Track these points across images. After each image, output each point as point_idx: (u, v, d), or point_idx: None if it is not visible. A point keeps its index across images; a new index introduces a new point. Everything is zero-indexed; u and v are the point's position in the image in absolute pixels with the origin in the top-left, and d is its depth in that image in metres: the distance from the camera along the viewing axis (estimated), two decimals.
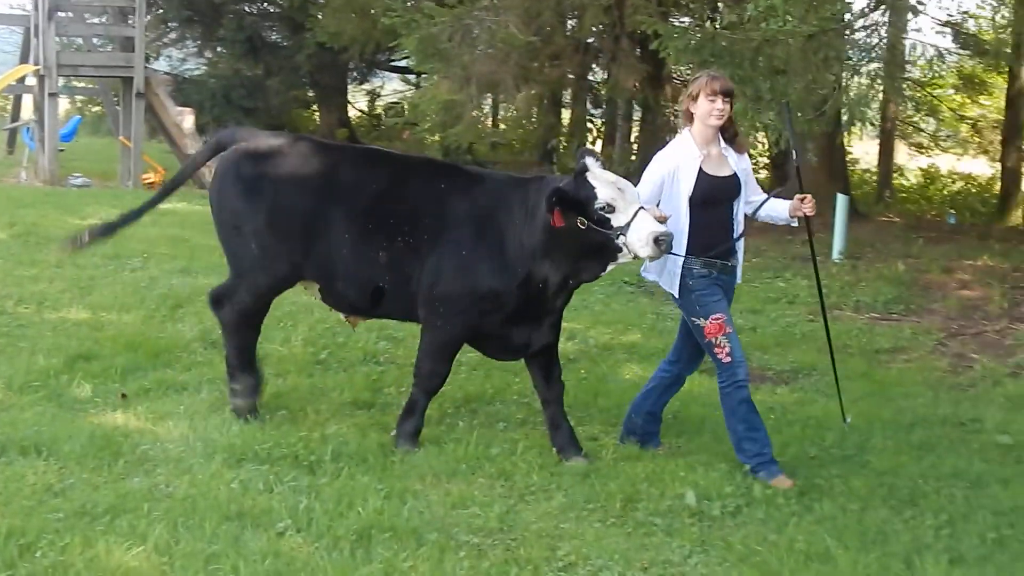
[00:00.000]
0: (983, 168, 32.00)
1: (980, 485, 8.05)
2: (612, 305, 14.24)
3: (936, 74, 31.66)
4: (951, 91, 32.94)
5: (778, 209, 8.24)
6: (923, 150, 33.36)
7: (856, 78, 17.15)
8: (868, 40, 17.17)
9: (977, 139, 32.49)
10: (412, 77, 36.06)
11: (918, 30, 28.14)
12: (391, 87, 42.00)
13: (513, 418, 9.16)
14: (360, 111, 41.64)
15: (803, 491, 7.74)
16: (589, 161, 7.70)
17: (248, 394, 8.53)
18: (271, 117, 31.68)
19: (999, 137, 28.20)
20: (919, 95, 31.04)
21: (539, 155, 29.34)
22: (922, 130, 33.59)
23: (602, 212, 7.50)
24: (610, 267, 7.85)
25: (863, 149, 32.99)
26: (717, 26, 19.39)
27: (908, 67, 23.41)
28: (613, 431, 8.77)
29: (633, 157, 28.39)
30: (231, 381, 8.60)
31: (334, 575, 6.02)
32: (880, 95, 20.10)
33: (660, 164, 8.03)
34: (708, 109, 7.84)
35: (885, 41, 17.70)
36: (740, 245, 8.14)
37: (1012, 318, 14.49)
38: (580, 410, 9.28)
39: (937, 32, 23.61)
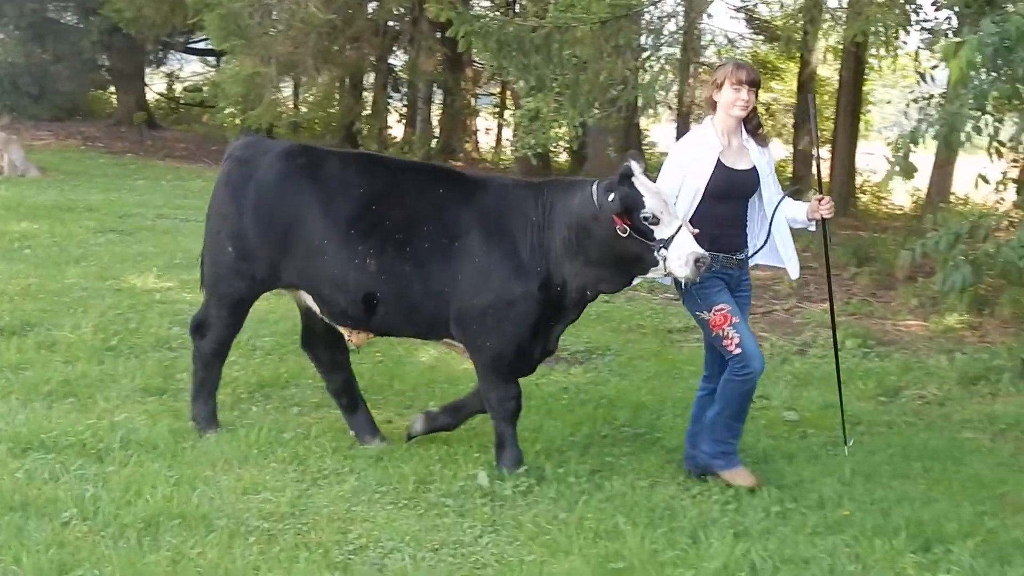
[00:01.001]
0: (777, 151, 32.74)
1: (766, 460, 8.29)
2: None
3: (731, 59, 32.37)
4: None
5: (794, 211, 7.79)
6: None
7: (650, 64, 17.38)
8: (662, 25, 17.46)
9: (771, 123, 33.25)
10: (212, 59, 35.53)
11: (711, 16, 28.49)
12: (190, 69, 41.34)
13: (308, 402, 9.12)
14: (159, 94, 40.85)
15: (594, 469, 7.85)
16: (634, 166, 7.26)
17: (209, 422, 8.17)
18: (63, 102, 30.94)
19: (791, 121, 28.88)
20: None
21: (341, 137, 29.14)
22: None
23: (647, 222, 7.12)
24: (636, 280, 7.59)
25: (662, 132, 33.48)
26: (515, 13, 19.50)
27: (703, 52, 23.90)
28: (408, 413, 8.78)
29: (434, 140, 28.47)
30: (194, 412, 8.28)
31: (120, 565, 5.88)
32: (675, 80, 20.41)
33: (680, 155, 7.74)
34: (732, 99, 7.51)
35: (680, 27, 18.03)
36: (762, 236, 7.73)
37: (801, 297, 14.93)
38: (376, 393, 9.26)
39: (731, 18, 24.11)
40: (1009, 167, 11.80)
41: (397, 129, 31.80)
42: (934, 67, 12.83)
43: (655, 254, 7.10)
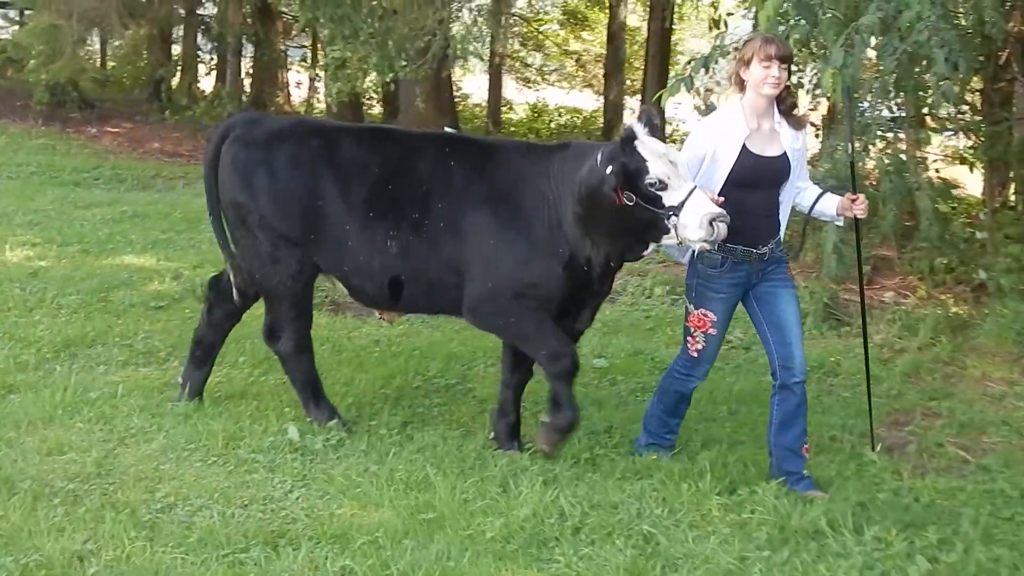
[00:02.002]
0: (589, 101, 33.05)
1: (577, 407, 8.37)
2: None
3: (542, 10, 32.63)
4: (556, 27, 33.91)
5: (825, 205, 7.30)
6: (531, 84, 34.21)
7: (460, 15, 17.38)
8: None
9: (582, 73, 33.58)
10: (14, 14, 34.39)
11: None
12: None
13: (115, 361, 8.95)
14: None
15: (406, 421, 7.89)
16: (637, 128, 6.73)
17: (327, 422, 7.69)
18: None
19: (602, 71, 29.18)
20: (526, 31, 31.85)
21: (149, 92, 28.53)
22: (529, 65, 34.45)
23: (653, 189, 6.61)
24: (651, 248, 7.08)
25: (475, 83, 33.54)
26: None
27: (514, 3, 23.94)
28: (218, 370, 8.60)
29: (245, 95, 28.07)
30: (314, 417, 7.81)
31: None
32: (487, 31, 20.42)
33: (702, 137, 7.08)
34: (762, 76, 6.86)
35: None
36: (782, 229, 7.24)
37: None
38: (185, 350, 8.99)
39: None
40: (807, 111, 12.04)
41: (207, 83, 31.23)
42: (730, 14, 13.03)
43: (666, 222, 6.61)
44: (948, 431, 8.48)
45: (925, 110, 11.71)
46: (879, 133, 10.87)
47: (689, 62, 9.59)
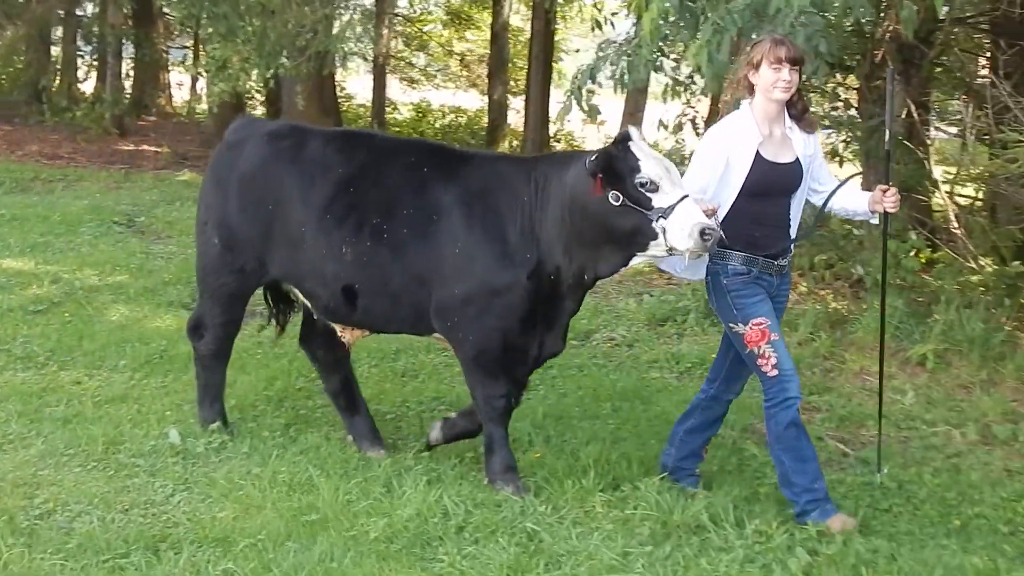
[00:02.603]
0: (473, 101, 33.05)
1: (460, 406, 8.38)
2: (99, 246, 13.87)
3: (425, 10, 32.59)
4: (440, 27, 33.91)
5: (855, 202, 6.96)
6: (415, 84, 34.16)
7: (339, 13, 17.32)
8: None
9: (466, 73, 33.59)
10: None
11: None
12: None
13: None
14: None
15: (289, 423, 7.86)
16: (633, 131, 6.53)
17: (211, 420, 7.59)
18: None
19: (486, 71, 29.21)
20: (409, 31, 31.82)
21: (28, 94, 28.02)
22: (413, 65, 34.40)
23: (643, 189, 6.30)
24: (635, 260, 6.62)
25: (360, 84, 33.39)
26: None
27: (396, 3, 23.89)
28: (98, 374, 8.58)
29: (127, 96, 27.72)
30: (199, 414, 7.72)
31: None
32: (371, 31, 20.38)
33: (713, 146, 6.68)
34: (772, 80, 6.51)
35: None
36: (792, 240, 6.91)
37: None
38: (64, 354, 9.03)
39: None
40: (685, 109, 12.17)
41: (88, 84, 30.76)
42: (614, 14, 13.14)
43: (652, 224, 6.27)
44: (828, 425, 8.64)
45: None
46: None
47: (575, 77, 9.69)
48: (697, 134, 12.32)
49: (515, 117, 27.59)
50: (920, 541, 6.49)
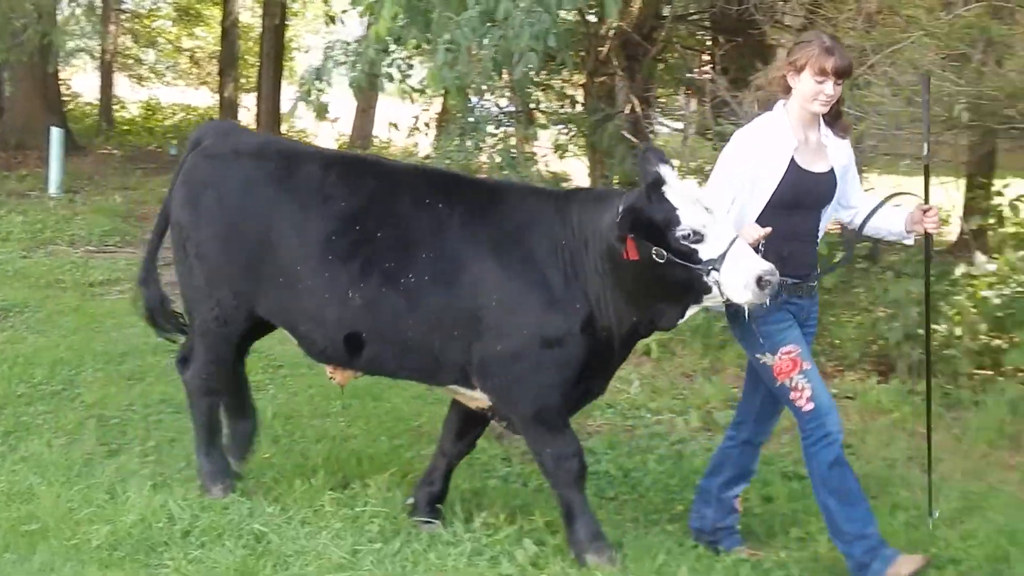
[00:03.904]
0: (204, 99, 32.60)
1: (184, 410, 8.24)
2: None
3: (153, 6, 32.00)
4: (169, 23, 33.35)
5: (890, 221, 6.18)
6: (144, 82, 33.52)
7: (66, 8, 16.87)
8: None
9: (196, 70, 33.13)
10: None
11: None
12: None
13: None
14: None
15: (8, 431, 7.61)
16: (664, 171, 5.60)
17: (213, 482, 6.67)
18: None
19: (217, 68, 28.85)
20: (138, 27, 31.18)
21: None
22: (142, 61, 33.76)
23: (687, 242, 5.50)
24: (691, 311, 5.80)
25: (87, 82, 32.55)
26: None
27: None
28: None
29: None
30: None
31: None
32: (97, 26, 19.92)
33: (745, 152, 5.91)
34: (813, 91, 5.77)
35: None
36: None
37: None
38: None
39: None
40: (422, 111, 12.23)
41: None
42: (344, 11, 13.11)
43: (704, 279, 5.50)
44: None
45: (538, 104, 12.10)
46: (489, 130, 11.15)
47: (303, 80, 9.66)
48: (426, 135, 12.34)
49: (247, 115, 27.32)
50: (644, 527, 6.65)
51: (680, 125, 13.41)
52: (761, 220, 5.79)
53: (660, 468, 7.60)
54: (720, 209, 5.61)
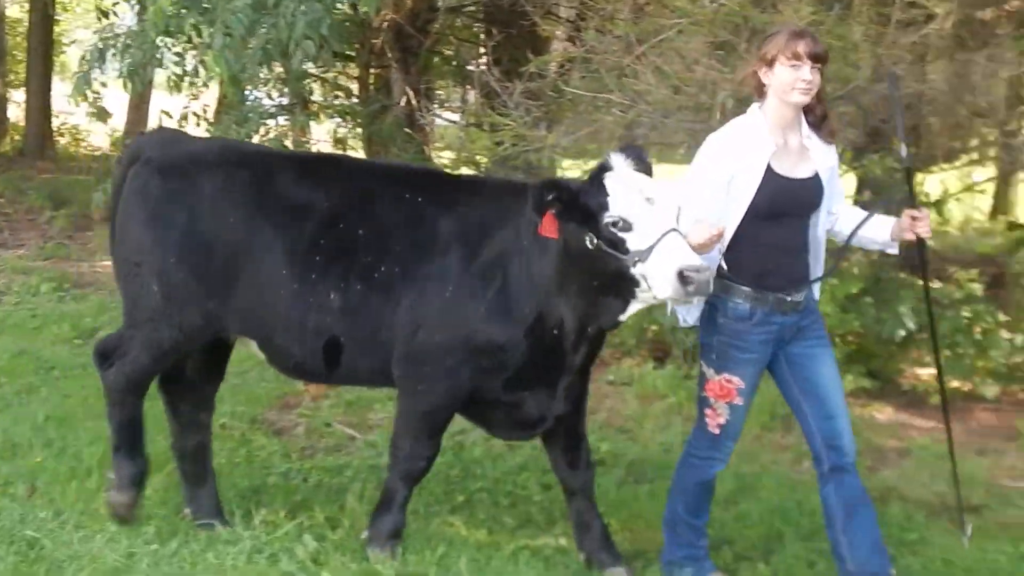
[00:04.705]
0: None
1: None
2: None
3: None
4: None
5: (874, 230, 5.91)
6: None
7: None
8: None
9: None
10: None
11: None
12: None
13: None
14: None
15: None
16: (616, 159, 5.49)
17: (126, 485, 6.23)
18: None
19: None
20: None
21: None
22: None
23: (614, 229, 5.33)
24: (632, 309, 5.54)
25: None
26: None
27: None
28: None
29: None
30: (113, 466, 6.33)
31: None
32: None
33: (718, 156, 5.60)
34: (790, 80, 5.46)
35: None
36: (818, 270, 5.89)
37: None
38: None
39: None
40: (190, 100, 12.01)
41: None
42: (115, 4, 12.85)
43: (631, 270, 5.29)
44: (336, 411, 8.74)
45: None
46: (262, 122, 11.04)
47: (83, 58, 9.48)
48: (197, 126, 12.11)
49: (16, 111, 26.52)
50: (426, 518, 6.70)
51: (457, 117, 13.53)
52: (743, 231, 5.57)
53: (441, 460, 7.59)
54: (667, 204, 5.36)
